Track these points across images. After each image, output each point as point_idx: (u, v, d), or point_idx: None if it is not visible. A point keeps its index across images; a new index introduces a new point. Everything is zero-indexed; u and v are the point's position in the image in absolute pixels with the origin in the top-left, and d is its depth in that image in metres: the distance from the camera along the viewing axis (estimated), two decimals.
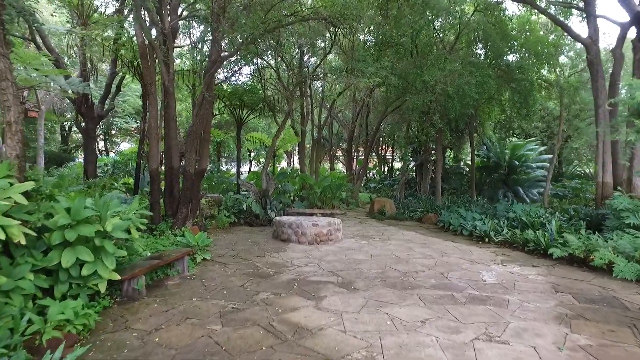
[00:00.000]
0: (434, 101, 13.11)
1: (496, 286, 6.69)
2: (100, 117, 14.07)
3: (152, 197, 9.17)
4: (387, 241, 11.13)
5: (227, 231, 12.31)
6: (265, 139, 18.26)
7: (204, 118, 9.27)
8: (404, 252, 9.65)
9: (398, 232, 12.71)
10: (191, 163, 9.29)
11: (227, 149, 27.84)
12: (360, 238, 11.53)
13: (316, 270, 7.68)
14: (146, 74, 8.92)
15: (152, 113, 9.04)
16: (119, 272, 5.42)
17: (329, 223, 10.60)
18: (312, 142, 18.40)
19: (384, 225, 14.47)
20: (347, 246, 10.25)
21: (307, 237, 10.35)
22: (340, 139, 29.35)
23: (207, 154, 9.97)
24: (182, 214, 9.25)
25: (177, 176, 9.46)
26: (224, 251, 9.20)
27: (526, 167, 21.82)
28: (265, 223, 13.76)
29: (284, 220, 10.74)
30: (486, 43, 14.13)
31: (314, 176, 17.66)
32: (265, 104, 14.88)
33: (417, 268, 7.95)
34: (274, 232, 11.11)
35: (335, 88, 19.00)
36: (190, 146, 9.24)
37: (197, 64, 14.58)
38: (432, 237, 11.93)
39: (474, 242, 11.29)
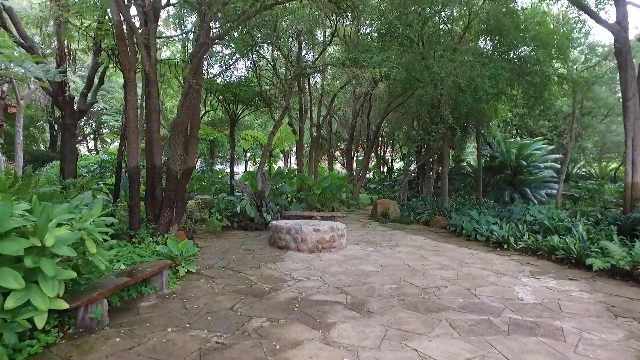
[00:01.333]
0: (444, 95, 11.91)
1: (538, 307, 5.48)
2: (82, 112, 12.78)
3: (131, 199, 7.90)
4: (395, 248, 9.92)
5: (219, 236, 11.05)
6: (261, 138, 17.02)
7: (190, 109, 8.02)
8: (417, 261, 8.43)
9: (406, 237, 11.50)
10: (176, 161, 8.03)
11: (222, 149, 26.54)
12: (365, 244, 10.30)
13: (320, 285, 6.44)
14: (123, 58, 7.65)
15: (130, 103, 7.78)
16: (72, 297, 4.17)
17: (331, 228, 9.36)
18: (310, 141, 17.15)
19: (389, 229, 13.25)
20: (352, 254, 9.02)
21: (307, 244, 9.11)
22: (339, 138, 28.13)
23: (195, 151, 8.71)
24: (165, 219, 7.99)
25: (159, 175, 8.20)
26: (213, 261, 7.94)
27: (533, 167, 20.70)
28: (261, 227, 12.52)
29: (282, 225, 9.50)
30: (498, 34, 12.94)
31: (313, 177, 16.43)
32: (261, 98, 13.62)
33: (437, 282, 6.73)
34: (271, 238, 9.87)
35: (336, 84, 17.77)
36: (174, 141, 7.98)
37: (189, 57, 13.32)
38: (444, 243, 10.73)
39: (491, 248, 10.11)
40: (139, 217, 7.96)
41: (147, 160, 8.31)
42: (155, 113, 8.03)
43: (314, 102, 18.82)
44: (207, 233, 11.39)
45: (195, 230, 11.19)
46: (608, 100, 17.20)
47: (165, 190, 8.12)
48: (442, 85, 11.83)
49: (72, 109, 12.37)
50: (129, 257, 6.79)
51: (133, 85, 7.80)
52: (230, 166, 15.55)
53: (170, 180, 8.05)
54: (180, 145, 8.08)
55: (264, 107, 15.19)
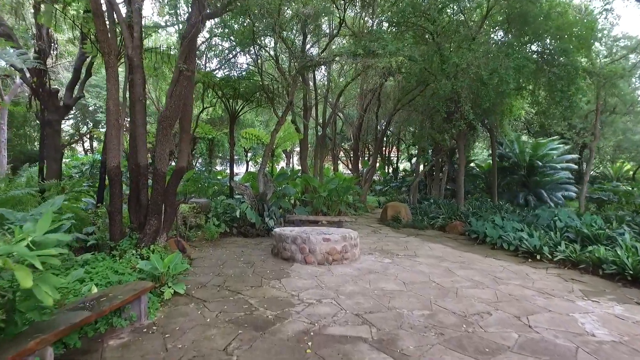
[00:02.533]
0: (464, 88, 10.66)
1: (620, 348, 4.24)
2: (67, 107, 11.55)
3: (111, 204, 6.68)
4: (414, 259, 8.69)
5: (216, 244, 9.82)
6: (262, 136, 15.79)
7: (180, 99, 6.78)
8: (444, 276, 7.20)
9: (423, 246, 10.26)
10: (164, 160, 6.79)
11: (222, 148, 25.27)
12: (380, 254, 9.07)
13: (335, 312, 5.21)
14: (102, 39, 6.42)
15: (110, 92, 6.55)
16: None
17: (343, 237, 8.12)
18: (315, 140, 15.91)
19: (403, 235, 12.01)
20: (367, 267, 7.79)
21: (316, 255, 7.88)
22: (343, 137, 26.89)
23: (188, 148, 7.47)
24: (152, 227, 6.76)
25: (144, 176, 6.96)
26: (207, 277, 6.70)
27: (549, 168, 19.44)
28: (263, 233, 11.28)
29: (287, 234, 8.26)
30: (521, 22, 11.67)
31: (318, 178, 15.20)
32: (264, 93, 12.38)
33: (477, 306, 5.50)
34: (274, 248, 8.63)
35: (341, 81, 16.52)
36: (162, 137, 6.75)
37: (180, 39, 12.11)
38: (467, 253, 9.50)
39: (521, 259, 8.89)
40: (120, 226, 6.73)
41: (130, 158, 7.09)
42: (140, 104, 6.80)
43: (319, 99, 17.59)
44: (202, 241, 10.16)
45: (189, 237, 9.96)
46: (633, 97, 15.96)
47: (151, 194, 6.88)
48: (462, 78, 10.59)
49: (55, 104, 11.15)
50: (104, 275, 5.58)
51: (114, 71, 6.57)
52: (230, 166, 14.31)
53: (158, 182, 6.81)
54: (169, 142, 6.85)
55: (265, 102, 13.96)
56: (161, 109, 18.26)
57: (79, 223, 8.30)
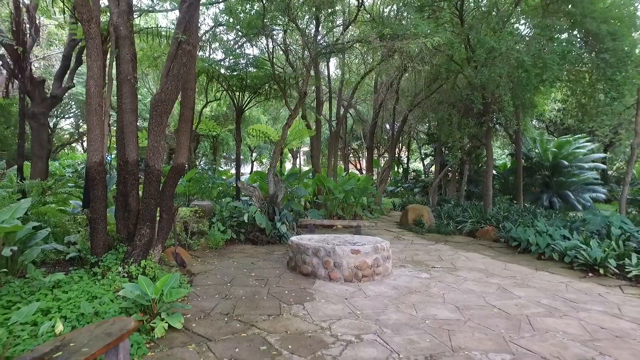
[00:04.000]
0: (504, 75, 9.21)
1: None
2: (55, 99, 10.18)
3: (92, 210, 5.28)
4: (455, 273, 7.27)
5: (222, 254, 8.42)
6: (271, 133, 14.38)
7: (179, 79, 5.36)
8: (502, 297, 5.79)
9: (458, 255, 8.83)
10: (158, 154, 5.37)
11: (226, 147, 23.84)
12: (414, 267, 7.64)
13: (385, 356, 3.78)
14: (79, 2, 5.01)
15: (91, 70, 5.14)
16: None
17: (375, 248, 6.69)
18: (330, 136, 14.46)
19: (430, 242, 10.57)
20: (404, 284, 6.37)
21: (342, 270, 6.45)
22: (352, 136, 25.43)
23: (188, 141, 6.03)
24: (143, 238, 5.33)
25: (134, 176, 5.54)
26: (212, 301, 5.28)
27: (575, 168, 17.95)
28: (274, 240, 9.88)
29: (306, 244, 6.83)
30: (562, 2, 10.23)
31: (332, 178, 13.77)
32: (275, 82, 10.95)
33: (572, 349, 4.07)
34: (291, 260, 7.20)
35: (360, 70, 15.06)
36: (156, 125, 5.32)
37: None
38: (513, 264, 8.08)
39: (578, 272, 7.50)
40: (104, 237, 5.32)
41: (117, 154, 5.68)
42: (128, 85, 5.38)
43: (333, 93, 16.15)
44: (206, 249, 8.76)
45: (191, 246, 8.56)
46: None
47: (143, 198, 5.45)
48: (501, 64, 9.14)
49: (41, 94, 9.78)
50: (77, 304, 4.18)
51: (95, 44, 5.15)
52: (236, 165, 12.89)
53: (151, 182, 5.38)
54: (164, 132, 5.43)
55: (276, 94, 12.56)
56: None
57: (61, 230, 6.92)
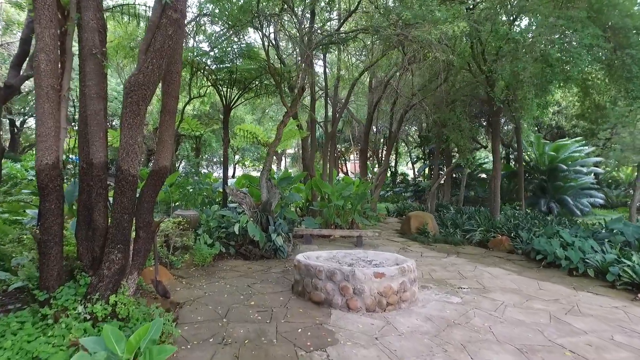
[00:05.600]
0: (527, 70, 8.16)
1: None
2: (11, 89, 8.60)
3: (41, 228, 3.88)
4: (488, 295, 6.15)
5: (210, 273, 7.06)
6: (259, 133, 13.04)
7: (162, 57, 4.03)
8: (564, 333, 4.71)
9: (480, 272, 7.71)
10: (133, 155, 4.01)
11: (208, 149, 22.26)
12: (438, 288, 6.48)
13: None
14: None
15: (41, 41, 3.75)
16: None
17: (401, 270, 5.47)
18: (325, 137, 13.21)
19: (441, 253, 9.46)
20: (438, 314, 5.19)
21: (364, 297, 5.21)
22: (340, 138, 24.24)
23: (172, 138, 4.67)
24: (113, 265, 3.97)
25: (101, 183, 4.15)
26: (206, 352, 3.93)
27: (572, 172, 17.23)
28: (269, 254, 8.56)
29: (317, 266, 5.55)
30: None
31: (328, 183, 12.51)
32: (270, 75, 9.63)
33: None
34: (297, 285, 5.90)
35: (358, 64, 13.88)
36: (131, 117, 3.96)
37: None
38: (546, 283, 7.04)
39: (625, 293, 6.57)
40: (58, 264, 3.93)
41: (79, 154, 4.28)
42: (94, 62, 4.02)
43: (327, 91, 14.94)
44: (191, 267, 7.38)
45: (173, 263, 7.17)
46: None
47: (113, 211, 4.07)
48: (525, 58, 8.10)
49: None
50: None
51: (46, 4, 3.77)
52: (224, 168, 11.46)
53: (124, 192, 4.01)
54: (142, 126, 4.07)
55: (267, 90, 11.25)
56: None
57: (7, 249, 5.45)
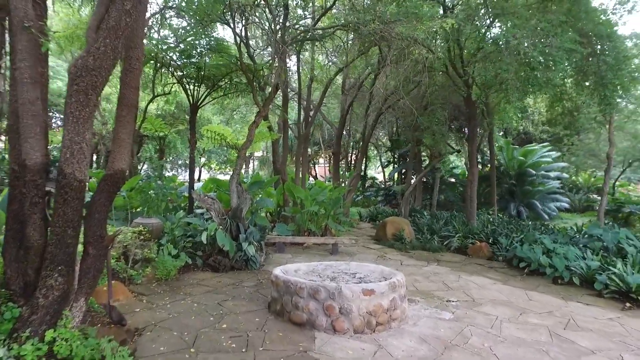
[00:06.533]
0: (512, 72, 7.87)
1: None
2: None
3: None
4: (479, 309, 5.72)
5: (175, 288, 6.27)
6: (228, 135, 12.22)
7: (118, 35, 3.28)
8: (570, 353, 4.37)
9: (465, 282, 7.31)
10: (81, 156, 3.23)
11: (173, 151, 21.08)
12: (426, 301, 6.00)
13: None
14: None
15: None
16: None
17: (391, 286, 4.91)
18: (298, 139, 12.54)
19: (420, 261, 9.03)
20: (431, 333, 4.69)
21: (351, 317, 4.60)
22: (312, 142, 23.65)
23: (130, 140, 3.89)
24: (52, 292, 3.17)
25: (37, 189, 3.33)
26: None
27: (541, 177, 17.41)
28: (240, 265, 7.84)
29: (297, 283, 4.90)
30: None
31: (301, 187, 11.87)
32: (242, 72, 8.87)
33: None
34: (274, 303, 5.22)
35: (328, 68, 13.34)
36: (77, 109, 3.19)
37: None
38: (534, 293, 6.73)
39: (613, 302, 6.40)
40: None
41: (9, 153, 3.45)
42: (27, 37, 3.22)
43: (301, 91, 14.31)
44: (153, 281, 6.55)
45: (133, 278, 6.32)
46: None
47: (54, 225, 3.26)
48: (509, 59, 7.81)
49: None
50: None
51: None
52: (190, 171, 10.56)
53: (67, 200, 3.21)
54: (91, 120, 3.31)
55: (237, 88, 10.51)
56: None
57: None
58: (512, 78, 7.86)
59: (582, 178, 24.44)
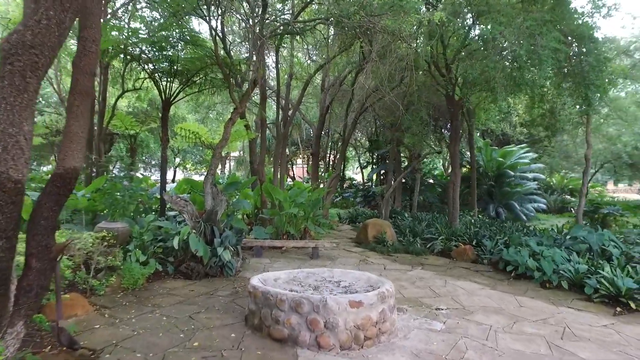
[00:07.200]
0: (499, 70, 7.60)
1: None
2: None
3: None
4: (471, 318, 5.36)
5: (142, 300, 5.68)
6: (203, 133, 11.60)
7: (65, 9, 2.74)
8: None
9: (453, 287, 6.96)
10: (17, 151, 2.66)
11: (146, 150, 20.15)
12: (414, 310, 5.62)
13: None
14: None
15: None
16: None
17: (380, 296, 4.48)
18: (277, 139, 12.01)
19: (404, 265, 8.66)
20: (425, 348, 4.30)
21: (337, 332, 4.14)
22: (289, 142, 23.12)
23: (83, 134, 3.32)
24: None
25: None
26: None
27: (519, 178, 17.42)
28: (215, 272, 7.28)
29: (277, 294, 4.40)
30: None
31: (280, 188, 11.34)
32: (218, 67, 8.30)
33: None
34: (252, 316, 4.70)
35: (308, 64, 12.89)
36: (12, 94, 2.62)
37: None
38: (524, 298, 6.44)
39: (599, 305, 6.20)
40: None
41: None
42: None
43: (272, 92, 13.84)
44: (118, 291, 5.95)
45: (95, 289, 5.69)
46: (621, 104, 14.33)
47: None
48: (498, 58, 7.55)
49: None
50: None
51: None
52: (161, 172, 9.87)
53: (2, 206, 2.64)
54: (30, 108, 2.73)
55: (212, 84, 9.92)
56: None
57: None
58: (499, 76, 7.58)
59: (556, 179, 24.78)
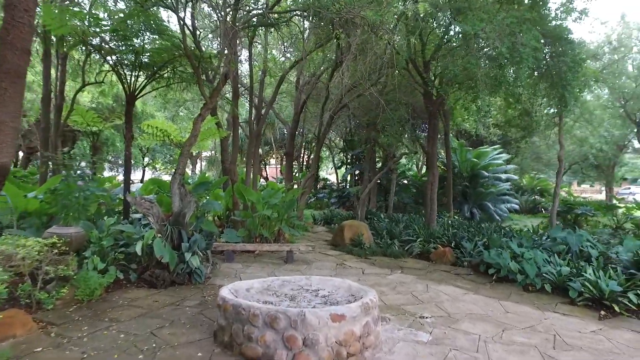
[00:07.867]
0: (480, 67, 7.37)
1: None
2: None
3: None
4: (458, 327, 5.05)
5: (98, 313, 5.08)
6: (171, 131, 10.93)
7: None
8: None
9: (435, 293, 6.66)
10: None
11: (111, 148, 19.09)
12: (397, 319, 5.27)
13: None
14: None
15: None
16: None
17: (364, 308, 4.09)
18: (249, 138, 11.43)
19: (383, 269, 8.32)
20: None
21: (318, 350, 3.71)
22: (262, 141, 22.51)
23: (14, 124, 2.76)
24: None
25: None
26: None
27: (492, 179, 17.48)
28: (182, 279, 6.72)
29: (250, 308, 3.92)
30: None
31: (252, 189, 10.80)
32: (187, 59, 7.69)
33: None
34: (222, 332, 4.20)
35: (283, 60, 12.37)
36: None
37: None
38: (508, 303, 6.19)
39: (583, 309, 6.04)
40: None
41: None
42: None
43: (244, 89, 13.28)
44: (71, 305, 5.32)
45: (43, 303, 5.03)
46: (590, 105, 14.55)
47: None
48: (479, 54, 7.32)
49: None
50: None
51: None
52: (125, 171, 9.11)
53: None
54: None
55: (181, 78, 9.29)
56: None
57: None
58: (481, 73, 7.34)
59: (526, 180, 25.24)
